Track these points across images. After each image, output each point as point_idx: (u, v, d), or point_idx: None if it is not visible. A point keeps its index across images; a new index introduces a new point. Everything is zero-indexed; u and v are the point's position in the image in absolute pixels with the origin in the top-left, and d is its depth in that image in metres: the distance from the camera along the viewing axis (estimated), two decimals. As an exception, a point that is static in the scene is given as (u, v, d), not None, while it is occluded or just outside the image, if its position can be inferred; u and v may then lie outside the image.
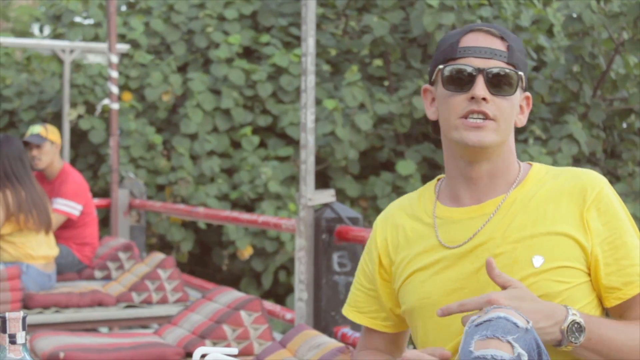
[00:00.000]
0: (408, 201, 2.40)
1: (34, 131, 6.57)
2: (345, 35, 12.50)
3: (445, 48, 2.23)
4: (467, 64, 2.18)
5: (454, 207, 2.27)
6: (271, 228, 5.70)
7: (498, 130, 2.17)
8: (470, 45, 2.19)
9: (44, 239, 5.89)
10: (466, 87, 2.17)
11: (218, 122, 11.06)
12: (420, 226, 2.31)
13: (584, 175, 2.20)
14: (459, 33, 2.24)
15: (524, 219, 2.17)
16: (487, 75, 2.16)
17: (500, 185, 2.23)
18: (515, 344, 1.81)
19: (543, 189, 2.21)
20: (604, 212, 2.15)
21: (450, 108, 2.20)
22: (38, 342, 4.17)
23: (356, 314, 2.44)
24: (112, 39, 8.20)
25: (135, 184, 8.34)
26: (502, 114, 2.17)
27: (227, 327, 4.17)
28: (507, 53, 2.19)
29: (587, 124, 10.99)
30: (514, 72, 2.18)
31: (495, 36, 2.21)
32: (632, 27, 10.23)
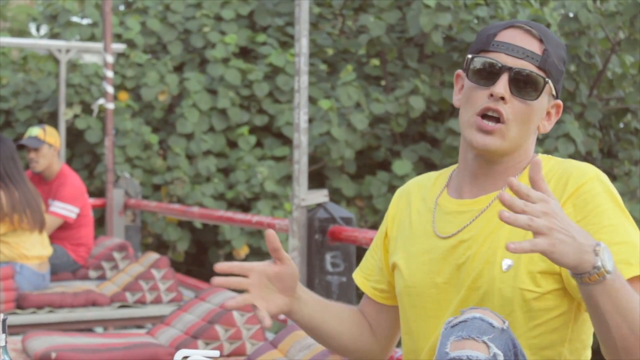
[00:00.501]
0: (427, 181, 2.39)
1: (32, 133, 6.56)
2: (342, 35, 12.50)
3: (482, 38, 2.20)
4: (496, 59, 2.14)
5: (454, 198, 2.26)
6: (265, 228, 5.69)
7: (506, 136, 2.13)
8: (505, 41, 2.15)
9: (38, 239, 5.88)
10: (489, 82, 2.14)
11: (214, 121, 11.05)
12: (423, 209, 2.31)
13: (573, 169, 2.13)
14: (500, 26, 2.20)
15: None
16: (512, 75, 2.12)
17: (499, 182, 2.21)
18: (491, 344, 1.80)
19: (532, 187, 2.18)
20: (580, 208, 2.07)
21: (470, 101, 2.17)
22: (30, 342, 4.17)
23: (363, 280, 2.44)
24: (107, 38, 8.19)
25: (130, 183, 8.34)
26: (516, 118, 2.13)
27: (220, 328, 4.17)
28: (540, 57, 2.13)
29: (584, 124, 10.99)
30: (541, 77, 2.13)
31: (535, 37, 2.15)
32: (629, 27, 10.23)
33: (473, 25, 10.86)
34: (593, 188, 2.08)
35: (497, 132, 2.12)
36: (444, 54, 11.22)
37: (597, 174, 2.10)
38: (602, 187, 2.08)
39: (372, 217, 10.86)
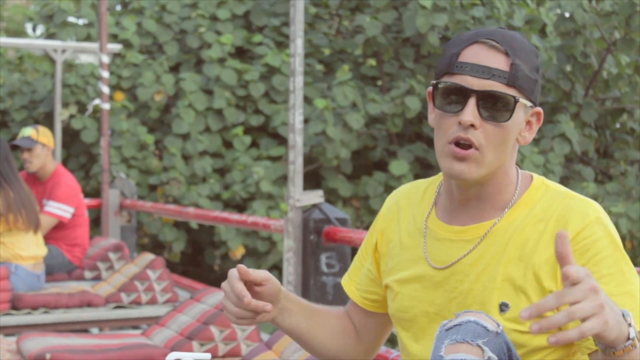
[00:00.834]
0: (416, 193, 2.30)
1: (24, 134, 6.55)
2: (338, 35, 12.50)
3: (445, 59, 2.07)
4: (461, 82, 2.01)
5: (443, 222, 2.17)
6: (260, 229, 5.70)
7: (482, 162, 2.03)
8: (468, 61, 2.01)
9: (33, 239, 5.88)
10: (457, 108, 2.02)
11: (210, 122, 11.05)
12: (413, 230, 2.24)
13: (573, 210, 2.04)
14: (464, 42, 2.05)
15: (503, 256, 2.06)
16: (479, 98, 2.00)
17: (489, 209, 2.12)
18: (485, 348, 1.79)
19: (529, 221, 2.07)
20: (580, 255, 1.99)
21: (441, 129, 2.06)
22: (25, 343, 4.17)
23: (353, 289, 2.37)
24: (103, 39, 8.18)
25: (126, 184, 8.33)
26: (489, 143, 2.02)
27: (215, 328, 4.17)
28: (508, 73, 2.00)
29: (579, 124, 11.00)
30: (511, 96, 2.00)
31: (500, 51, 2.01)
32: (624, 26, 10.24)
33: (469, 25, 10.86)
34: (593, 233, 2.00)
35: (471, 158, 2.02)
36: (440, 54, 11.21)
37: (597, 217, 2.02)
38: (603, 231, 2.01)
39: (368, 218, 10.87)
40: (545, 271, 2.02)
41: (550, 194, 2.09)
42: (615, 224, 9.45)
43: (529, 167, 10.01)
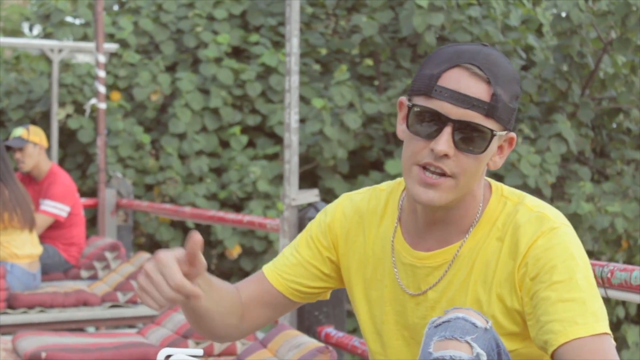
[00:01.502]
0: (375, 204, 2.25)
1: (15, 134, 6.57)
2: (335, 35, 12.50)
3: (425, 76, 2.01)
4: (439, 109, 1.96)
5: (409, 244, 2.14)
6: (256, 228, 5.70)
7: (455, 188, 2.00)
8: (449, 87, 1.95)
9: (28, 238, 5.88)
10: (431, 134, 1.97)
11: (207, 121, 11.05)
12: (381, 248, 2.20)
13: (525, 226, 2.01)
14: (445, 62, 1.99)
15: (470, 280, 2.06)
16: (455, 128, 1.95)
17: (453, 232, 2.09)
18: (474, 344, 1.79)
19: (489, 241, 2.06)
20: (533, 265, 1.98)
21: (410, 151, 2.01)
22: (20, 342, 4.17)
23: (277, 277, 2.27)
24: (99, 38, 8.19)
25: (122, 183, 8.33)
26: (463, 172, 1.98)
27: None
28: (488, 104, 1.95)
29: (576, 123, 11.01)
30: (489, 130, 1.96)
31: (482, 80, 1.96)
32: (620, 26, 10.24)
33: (466, 25, 10.86)
34: (546, 243, 1.99)
35: (443, 185, 1.98)
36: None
37: (550, 227, 2.00)
38: (556, 240, 1.98)
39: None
40: (506, 289, 2.02)
41: (508, 208, 2.07)
42: (611, 223, 9.53)
43: (526, 166, 10.01)
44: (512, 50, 11.46)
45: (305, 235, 2.31)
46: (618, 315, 10.12)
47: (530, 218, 2.03)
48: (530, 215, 2.03)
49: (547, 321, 1.92)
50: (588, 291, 1.94)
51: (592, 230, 9.69)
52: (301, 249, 2.29)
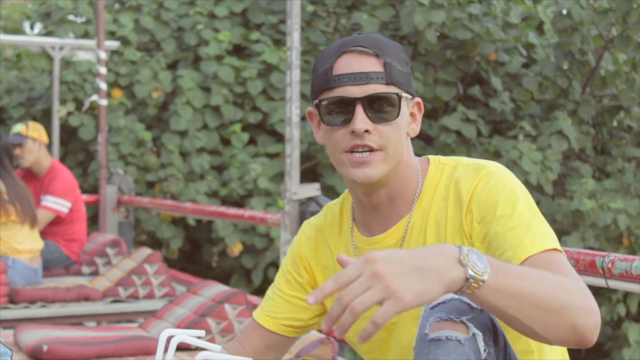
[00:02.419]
0: (332, 217, 2.33)
1: (14, 130, 6.58)
2: (335, 33, 12.51)
3: (320, 75, 2.10)
4: (342, 94, 2.06)
5: (366, 235, 2.22)
6: (257, 222, 5.70)
7: (387, 159, 2.08)
8: (343, 73, 2.06)
9: (29, 233, 5.89)
10: (345, 119, 2.06)
11: (208, 119, 11.05)
12: (344, 251, 2.27)
13: (463, 178, 2.10)
14: (333, 55, 2.10)
15: (424, 244, 2.12)
16: (365, 104, 2.04)
17: (401, 205, 2.17)
18: (470, 324, 1.81)
19: (435, 202, 2.14)
20: (478, 210, 2.06)
21: (333, 143, 2.10)
22: (22, 335, 4.18)
23: (268, 319, 2.37)
24: (100, 35, 8.19)
25: (123, 180, 8.33)
26: (389, 141, 2.07)
27: (212, 321, 4.18)
28: (384, 73, 2.06)
29: (577, 121, 11.01)
30: (394, 94, 2.06)
31: (370, 55, 2.07)
32: (621, 23, 10.24)
33: (466, 22, 10.86)
34: (485, 186, 2.06)
35: (374, 160, 2.06)
36: (438, 51, 11.23)
37: (487, 172, 2.08)
38: (494, 180, 2.06)
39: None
40: (459, 241, 2.08)
41: (447, 171, 2.15)
42: (614, 220, 9.52)
43: (527, 164, 10.00)
44: (513, 47, 11.46)
45: (281, 272, 2.40)
46: (619, 313, 10.11)
47: (468, 171, 2.11)
48: (467, 169, 2.12)
49: (500, 253, 1.97)
50: (531, 217, 2.01)
51: (594, 227, 9.68)
52: (281, 286, 2.38)
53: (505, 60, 11.43)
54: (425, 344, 1.80)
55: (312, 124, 2.21)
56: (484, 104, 11.55)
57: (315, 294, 1.65)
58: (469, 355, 1.79)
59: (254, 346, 2.36)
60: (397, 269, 1.65)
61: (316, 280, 2.34)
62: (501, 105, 11.35)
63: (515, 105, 11.56)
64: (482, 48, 11.02)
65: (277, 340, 2.37)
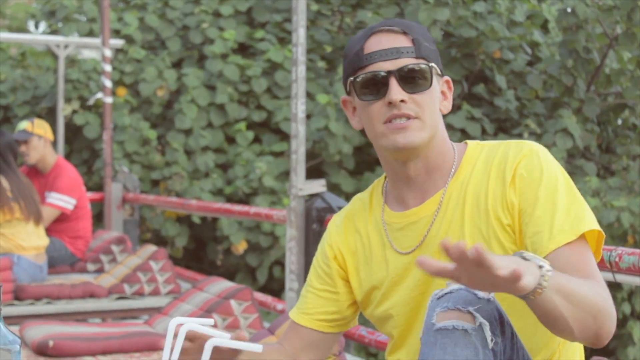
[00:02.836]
0: (361, 204, 2.37)
1: (20, 127, 6.59)
2: (340, 32, 12.50)
3: (351, 57, 2.19)
4: (376, 69, 2.14)
5: (400, 211, 2.25)
6: (263, 219, 5.69)
7: (424, 127, 2.14)
8: (375, 50, 2.15)
9: (34, 230, 5.89)
10: (381, 92, 2.14)
11: (213, 117, 11.05)
12: (374, 234, 2.30)
13: (508, 152, 2.15)
14: (362, 38, 2.19)
15: (463, 215, 2.15)
16: (398, 76, 2.13)
17: (438, 179, 2.21)
18: (477, 314, 1.82)
19: (474, 176, 2.18)
20: (520, 188, 2.10)
21: (371, 117, 2.16)
22: (28, 331, 4.18)
23: (302, 316, 2.40)
24: (105, 33, 8.19)
25: (128, 177, 8.33)
26: (424, 110, 2.14)
27: (217, 317, 4.18)
28: (413, 48, 2.15)
29: (582, 119, 11.00)
30: (425, 65, 2.15)
31: (398, 33, 2.16)
32: (626, 21, 10.23)
33: (471, 20, 10.86)
34: (528, 163, 2.11)
35: (412, 126, 2.13)
36: (442, 49, 11.22)
37: (530, 149, 2.13)
38: (537, 159, 2.11)
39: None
40: (500, 210, 2.11)
41: (487, 149, 2.20)
42: (617, 218, 9.50)
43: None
44: (518, 45, 11.46)
45: (312, 269, 2.44)
46: (624, 312, 10.10)
47: (510, 146, 2.17)
48: (509, 145, 2.17)
49: (534, 233, 2.04)
50: (571, 201, 2.07)
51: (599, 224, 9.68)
52: (312, 282, 2.42)
53: (510, 58, 11.42)
54: (432, 334, 1.81)
55: (347, 112, 2.29)
56: (489, 103, 11.54)
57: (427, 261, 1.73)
58: (475, 344, 1.79)
59: (294, 346, 2.39)
60: None
61: (346, 265, 2.35)
62: (506, 103, 11.34)
63: (520, 104, 11.55)
64: (487, 46, 11.01)
65: (315, 337, 2.39)
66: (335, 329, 2.40)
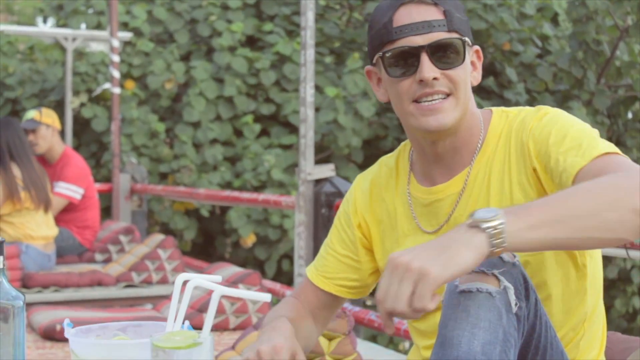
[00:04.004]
0: (387, 170, 2.29)
1: (28, 116, 6.58)
2: (349, 25, 12.47)
3: (379, 28, 2.09)
4: (406, 44, 2.04)
5: (426, 186, 2.18)
6: (272, 206, 5.66)
7: (457, 104, 2.07)
8: (405, 23, 2.04)
9: (43, 219, 5.88)
10: (412, 69, 2.05)
11: (221, 110, 11.02)
12: (400, 204, 2.24)
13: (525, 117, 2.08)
14: (390, 9, 2.07)
15: (488, 194, 2.09)
16: (430, 52, 2.03)
17: (465, 155, 2.14)
18: (501, 277, 1.78)
19: (498, 151, 2.10)
20: (533, 146, 2.02)
21: (400, 94, 2.08)
22: (35, 316, 4.17)
23: (322, 279, 2.32)
24: (113, 23, 8.17)
25: (136, 168, 8.31)
26: (457, 87, 2.06)
27: (226, 301, 4.15)
28: (445, 20, 2.04)
29: (592, 111, 10.95)
30: (458, 39, 2.05)
31: (429, 4, 2.06)
32: (637, 12, 10.18)
33: (481, 12, 10.82)
34: (539, 122, 2.03)
35: (445, 106, 2.05)
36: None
37: (544, 111, 2.06)
38: (548, 117, 2.04)
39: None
40: (525, 180, 2.04)
41: (509, 118, 2.12)
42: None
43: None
44: (528, 38, 11.41)
45: (335, 230, 2.36)
46: (634, 305, 10.07)
47: (528, 113, 2.09)
48: (527, 112, 2.10)
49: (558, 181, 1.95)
50: (583, 136, 1.96)
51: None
52: (334, 245, 2.33)
53: (520, 50, 11.38)
54: (455, 296, 1.77)
55: (372, 83, 2.19)
56: (499, 96, 11.49)
57: None
58: (499, 308, 1.75)
59: (310, 303, 2.32)
60: (415, 252, 1.68)
61: (371, 234, 2.29)
62: (516, 96, 11.30)
63: (530, 97, 11.50)
64: (497, 38, 10.97)
65: (333, 300, 2.33)
66: (355, 295, 2.35)
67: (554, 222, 1.71)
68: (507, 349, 1.74)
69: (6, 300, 1.67)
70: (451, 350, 1.72)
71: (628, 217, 1.71)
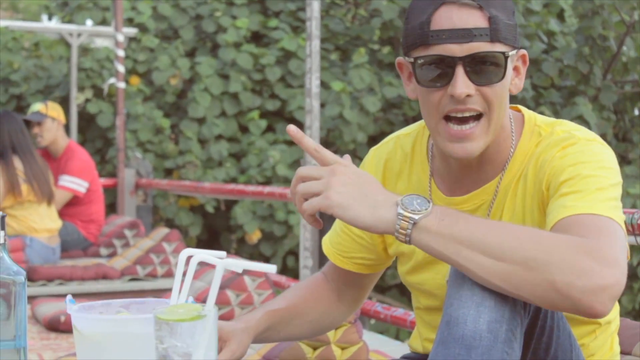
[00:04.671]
0: (402, 154, 2.15)
1: (33, 109, 6.56)
2: (354, 21, 12.45)
3: (415, 27, 1.88)
4: (442, 53, 1.84)
5: (443, 191, 2.05)
6: (277, 199, 5.64)
7: (489, 127, 1.90)
8: (443, 28, 1.84)
9: (47, 212, 5.86)
10: (444, 80, 1.86)
11: (226, 106, 11.01)
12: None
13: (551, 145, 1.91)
14: (430, 5, 1.87)
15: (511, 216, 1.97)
16: (467, 65, 1.84)
17: (489, 172, 1.99)
18: None
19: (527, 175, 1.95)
20: (547, 178, 1.89)
21: (429, 105, 1.90)
22: (39, 307, 4.16)
23: (340, 258, 2.23)
24: (118, 18, 8.15)
25: (141, 163, 8.29)
26: (491, 105, 1.88)
27: (231, 292, 4.13)
28: (488, 29, 1.83)
29: (598, 106, 10.92)
30: (500, 53, 1.85)
31: (473, 7, 1.84)
32: (643, 7, 10.16)
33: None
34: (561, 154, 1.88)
35: (475, 132, 1.89)
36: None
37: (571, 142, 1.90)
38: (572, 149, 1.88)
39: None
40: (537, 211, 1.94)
41: (541, 136, 1.96)
42: (633, 205, 9.42)
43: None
44: (534, 33, 11.38)
45: None
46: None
47: (557, 139, 1.93)
48: (555, 137, 1.94)
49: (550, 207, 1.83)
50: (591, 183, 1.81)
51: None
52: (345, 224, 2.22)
53: (526, 45, 11.35)
54: (460, 275, 1.73)
55: (402, 76, 2.01)
56: (504, 91, 11.47)
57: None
58: None
59: (337, 282, 2.26)
60: (348, 179, 1.72)
61: None
62: (522, 92, 11.27)
63: (536, 92, 11.47)
64: (503, 33, 10.94)
65: (357, 277, 2.25)
66: (375, 269, 2.27)
67: (464, 246, 1.67)
68: (514, 327, 1.70)
69: (7, 275, 1.64)
70: (457, 329, 1.68)
71: (542, 285, 1.62)
